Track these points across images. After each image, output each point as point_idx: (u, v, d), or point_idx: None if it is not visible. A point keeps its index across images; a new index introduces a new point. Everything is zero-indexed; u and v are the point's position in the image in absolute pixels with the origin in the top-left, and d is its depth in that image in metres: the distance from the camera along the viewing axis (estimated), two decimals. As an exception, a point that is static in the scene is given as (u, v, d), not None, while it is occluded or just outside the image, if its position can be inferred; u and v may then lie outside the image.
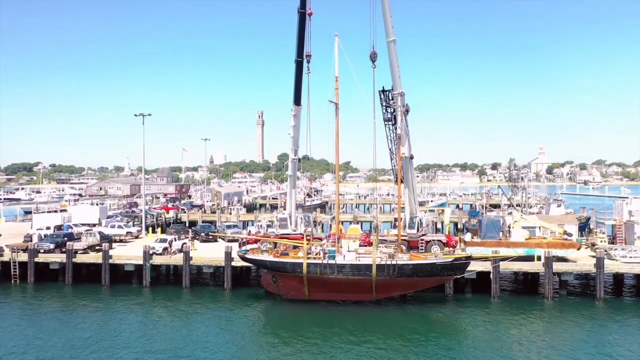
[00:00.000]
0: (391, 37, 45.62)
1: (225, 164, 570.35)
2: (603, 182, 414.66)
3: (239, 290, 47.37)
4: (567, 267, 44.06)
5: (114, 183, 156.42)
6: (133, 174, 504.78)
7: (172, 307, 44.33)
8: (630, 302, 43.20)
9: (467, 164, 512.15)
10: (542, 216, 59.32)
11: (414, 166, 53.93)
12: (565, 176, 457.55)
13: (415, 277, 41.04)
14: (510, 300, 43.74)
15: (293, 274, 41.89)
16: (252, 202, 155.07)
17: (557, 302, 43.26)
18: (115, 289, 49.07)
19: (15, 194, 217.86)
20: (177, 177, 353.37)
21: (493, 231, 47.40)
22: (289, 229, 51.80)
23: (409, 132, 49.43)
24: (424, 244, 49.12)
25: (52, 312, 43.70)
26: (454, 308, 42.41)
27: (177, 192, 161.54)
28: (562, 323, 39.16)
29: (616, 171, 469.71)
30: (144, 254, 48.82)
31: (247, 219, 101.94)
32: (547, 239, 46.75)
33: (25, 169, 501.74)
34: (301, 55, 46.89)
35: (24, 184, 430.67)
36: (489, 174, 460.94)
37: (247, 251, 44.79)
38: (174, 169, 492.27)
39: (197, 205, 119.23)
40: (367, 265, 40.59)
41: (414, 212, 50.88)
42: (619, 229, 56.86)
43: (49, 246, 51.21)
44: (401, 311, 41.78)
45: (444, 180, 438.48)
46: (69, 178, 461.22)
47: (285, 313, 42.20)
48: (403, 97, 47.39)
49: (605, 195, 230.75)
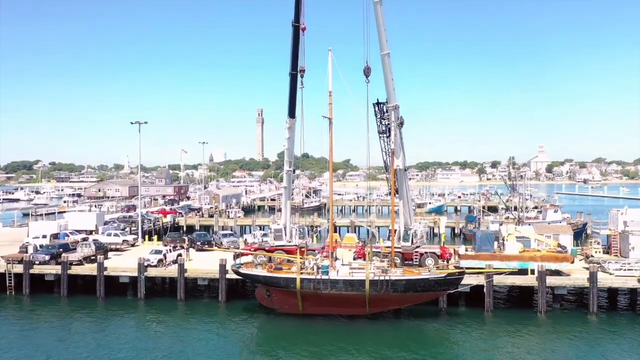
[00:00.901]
0: (385, 50, 45.53)
1: (224, 162, 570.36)
2: (602, 181, 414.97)
3: (233, 303, 47.44)
4: (560, 282, 44.13)
5: (113, 185, 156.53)
6: (133, 172, 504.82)
7: (167, 321, 44.43)
8: (624, 317, 43.27)
9: (466, 163, 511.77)
10: (537, 226, 59.33)
11: (408, 176, 54.04)
12: (564, 174, 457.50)
13: (408, 293, 41.13)
14: (503, 314, 43.82)
15: (287, 289, 41.98)
16: (250, 203, 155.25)
17: (550, 316, 43.34)
18: (110, 301, 49.16)
19: (14, 194, 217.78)
20: (176, 176, 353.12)
21: (487, 244, 47.44)
22: (283, 241, 51.82)
23: (403, 144, 49.44)
24: (418, 256, 49.16)
25: (48, 325, 43.87)
26: (448, 322, 42.51)
27: (176, 193, 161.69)
28: (555, 338, 39.31)
29: (616, 169, 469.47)
30: (139, 266, 48.88)
31: (244, 223, 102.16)
32: (541, 252, 46.78)
33: (25, 167, 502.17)
34: (295, 68, 46.83)
35: (23, 182, 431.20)
36: (489, 173, 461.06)
37: (241, 265, 44.87)
38: (173, 167, 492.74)
39: (195, 208, 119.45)
40: (360, 281, 40.68)
41: (408, 223, 50.91)
42: (614, 239, 57.00)
43: (44, 258, 51.28)
44: (395, 325, 41.88)
45: (443, 179, 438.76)
46: (69, 176, 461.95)
47: (279, 327, 42.29)
48: (397, 110, 47.33)
49: (603, 195, 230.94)
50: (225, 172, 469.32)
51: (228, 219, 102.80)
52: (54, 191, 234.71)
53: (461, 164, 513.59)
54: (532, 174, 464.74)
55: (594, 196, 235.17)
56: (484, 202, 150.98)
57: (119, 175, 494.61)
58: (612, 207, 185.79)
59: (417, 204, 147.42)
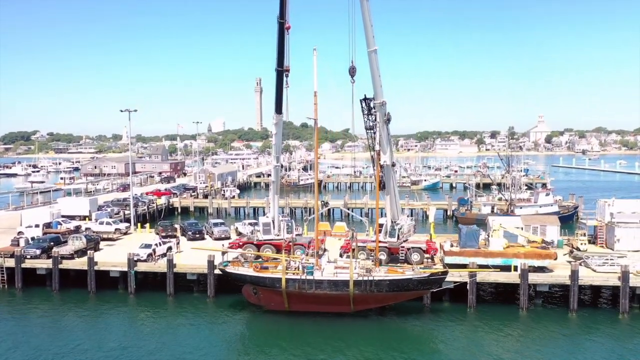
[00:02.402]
0: (372, 47, 44.95)
1: (223, 132, 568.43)
2: (601, 152, 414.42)
3: (222, 298, 48.26)
4: (542, 279, 44.82)
5: (109, 162, 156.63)
6: (131, 142, 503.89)
7: (156, 316, 45.46)
8: (604, 313, 44.07)
9: (466, 132, 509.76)
10: (525, 217, 59.76)
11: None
12: (563, 145, 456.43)
13: (392, 292, 41.87)
14: (486, 311, 44.67)
15: (272, 288, 42.71)
16: (246, 180, 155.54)
17: (531, 312, 44.22)
18: (102, 295, 50.06)
19: (11, 168, 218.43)
20: (173, 147, 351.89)
21: (472, 240, 47.93)
22: (272, 234, 52.32)
23: (390, 140, 49.36)
24: (404, 251, 49.72)
25: (40, 319, 45.17)
26: (431, 319, 43.40)
27: (172, 169, 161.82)
28: (535, 335, 40.41)
29: (615, 140, 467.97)
30: (129, 262, 49.54)
31: (238, 205, 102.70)
32: (525, 248, 47.33)
33: (23, 138, 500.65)
34: (281, 64, 46.38)
35: (21, 153, 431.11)
36: (488, 143, 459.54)
37: (228, 263, 45.47)
38: (171, 137, 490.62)
39: (190, 187, 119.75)
40: (345, 281, 41.36)
41: (395, 217, 51.27)
42: (600, 230, 57.56)
43: (35, 252, 51.88)
44: (379, 322, 42.82)
45: (442, 149, 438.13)
46: (67, 147, 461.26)
47: (265, 323, 43.30)
48: (384, 107, 47.09)
49: (600, 169, 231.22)
50: (223, 143, 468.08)
51: (222, 201, 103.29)
52: (51, 165, 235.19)
53: (460, 133, 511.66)
54: (531, 144, 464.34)
55: (591, 169, 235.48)
56: (480, 179, 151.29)
57: (117, 145, 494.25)
58: (609, 181, 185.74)
59: (412, 181, 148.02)
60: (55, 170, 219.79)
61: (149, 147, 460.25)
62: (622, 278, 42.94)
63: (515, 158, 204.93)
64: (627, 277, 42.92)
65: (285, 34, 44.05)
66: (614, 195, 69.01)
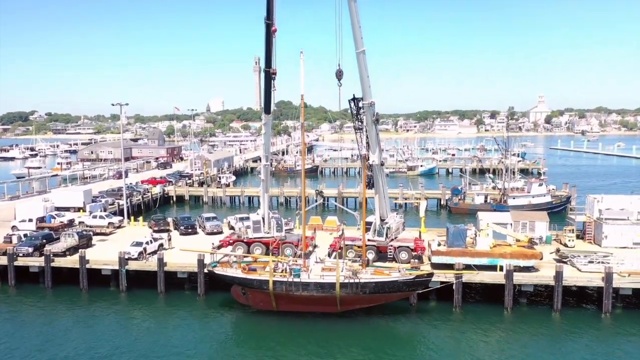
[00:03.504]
0: (360, 47, 44.69)
1: (222, 111, 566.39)
2: (601, 132, 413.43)
3: (212, 296, 48.95)
4: (527, 280, 45.39)
5: (106, 147, 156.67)
6: (129, 122, 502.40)
7: (147, 314, 46.30)
8: (588, 314, 44.69)
9: (465, 112, 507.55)
10: (514, 212, 60.15)
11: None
12: (563, 125, 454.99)
13: (378, 294, 42.48)
14: (471, 310, 45.33)
15: (260, 290, 43.31)
16: (243, 165, 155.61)
17: (516, 312, 44.89)
18: (94, 293, 50.74)
19: (9, 152, 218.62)
20: (171, 128, 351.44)
21: (459, 240, 48.33)
22: (262, 232, 52.76)
23: (379, 140, 49.42)
24: (392, 249, 50.19)
25: (33, 317, 46.18)
26: (417, 319, 44.12)
27: (169, 154, 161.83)
28: (518, 335, 41.26)
29: (615, 120, 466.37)
30: (120, 260, 50.08)
31: (233, 194, 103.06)
32: (512, 248, 47.78)
33: (21, 119, 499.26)
34: (269, 65, 46.23)
35: (20, 134, 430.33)
36: (487, 123, 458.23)
37: (217, 264, 45.99)
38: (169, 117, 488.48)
39: (185, 175, 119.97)
40: (331, 284, 41.89)
41: (384, 215, 51.59)
42: (589, 226, 58.02)
43: (28, 250, 52.37)
44: (365, 322, 43.49)
45: (441, 130, 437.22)
46: (65, 128, 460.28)
47: (254, 323, 44.08)
48: (373, 107, 47.06)
49: (597, 152, 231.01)
50: (222, 124, 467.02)
51: (217, 189, 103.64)
52: (49, 148, 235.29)
53: (460, 113, 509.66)
54: (531, 125, 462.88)
55: (589, 152, 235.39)
56: (476, 164, 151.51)
57: (115, 126, 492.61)
58: (605, 165, 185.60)
59: (408, 167, 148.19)
60: (53, 154, 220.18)
61: (147, 127, 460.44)
62: (606, 279, 43.50)
63: (513, 140, 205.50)
64: (610, 278, 43.47)
65: (272, 36, 43.77)
66: (610, 181, 69.12)
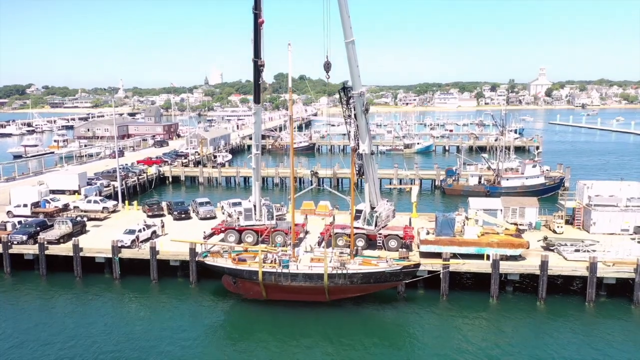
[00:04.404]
0: (349, 38, 44.36)
1: (220, 84, 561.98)
2: (601, 106, 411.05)
3: (204, 283, 49.78)
4: (513, 269, 46.12)
5: (102, 124, 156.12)
6: (127, 96, 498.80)
7: (140, 302, 47.25)
8: (572, 302, 45.46)
9: (465, 85, 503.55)
10: (505, 198, 60.53)
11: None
12: (563, 99, 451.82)
13: (365, 284, 43.25)
14: (458, 299, 46.19)
15: (250, 280, 44.07)
16: (240, 143, 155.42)
17: (502, 301, 45.78)
18: (88, 280, 51.59)
19: (6, 128, 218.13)
20: (168, 102, 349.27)
21: (447, 229, 48.84)
22: (253, 220, 53.27)
23: (369, 129, 49.50)
24: (382, 237, 50.79)
25: (27, 304, 47.12)
26: (405, 307, 45.02)
27: (166, 132, 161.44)
28: (503, 323, 42.35)
29: (616, 93, 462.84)
30: (113, 249, 50.75)
31: (228, 175, 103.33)
32: (499, 237, 48.30)
33: (18, 92, 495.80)
34: (258, 55, 45.99)
35: (17, 108, 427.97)
36: (487, 97, 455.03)
37: (207, 254, 46.63)
38: (167, 90, 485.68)
39: (181, 154, 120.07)
40: (319, 274, 42.62)
41: (374, 203, 52.00)
42: (578, 212, 58.54)
43: (22, 238, 52.96)
44: (354, 310, 44.42)
45: (440, 104, 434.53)
46: (62, 102, 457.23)
47: (245, 311, 45.07)
48: (363, 97, 47.01)
49: (596, 127, 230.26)
50: (220, 97, 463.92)
51: (212, 170, 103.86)
52: (46, 124, 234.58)
53: (460, 86, 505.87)
54: (531, 98, 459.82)
55: (587, 128, 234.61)
56: (472, 142, 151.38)
57: (113, 99, 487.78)
58: (604, 142, 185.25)
59: (405, 145, 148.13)
60: (50, 130, 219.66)
61: (145, 101, 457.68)
62: (590, 269, 44.21)
63: (511, 116, 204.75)
64: (594, 267, 44.18)
65: (260, 28, 43.42)
66: (604, 159, 69.24)
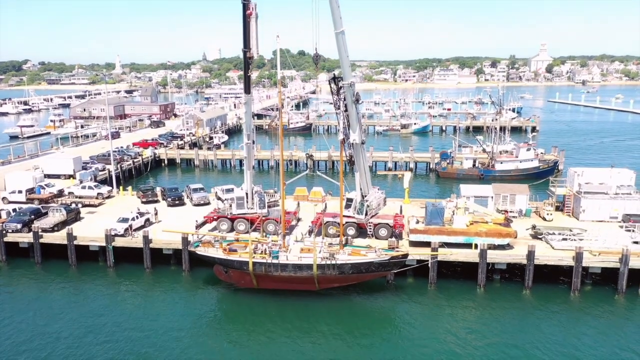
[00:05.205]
0: (339, 28, 44.18)
1: (219, 60, 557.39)
2: (602, 82, 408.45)
3: (197, 272, 50.52)
4: (500, 258, 46.80)
5: (98, 104, 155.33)
6: (125, 72, 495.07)
7: (134, 290, 48.13)
8: (558, 291, 46.14)
9: (466, 61, 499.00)
10: (496, 185, 60.92)
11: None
12: (564, 75, 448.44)
13: (354, 274, 43.99)
14: (446, 287, 46.97)
15: (241, 270, 44.79)
16: (237, 123, 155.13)
17: (489, 289, 46.57)
18: (82, 268, 52.34)
19: (2, 107, 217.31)
20: (165, 80, 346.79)
21: (437, 218, 49.34)
22: (245, 208, 53.76)
23: (360, 119, 49.58)
24: (372, 226, 51.37)
25: (22, 292, 47.98)
26: (393, 295, 45.85)
27: (162, 111, 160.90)
28: (490, 311, 43.24)
29: (617, 69, 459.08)
30: (106, 237, 51.36)
31: (224, 157, 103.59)
32: (487, 226, 48.85)
33: (14, 68, 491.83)
34: (247, 46, 45.83)
35: (13, 85, 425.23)
36: (487, 73, 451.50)
37: (199, 244, 47.23)
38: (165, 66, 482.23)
39: (177, 135, 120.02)
40: (308, 265, 43.30)
41: (365, 191, 52.44)
42: (568, 199, 59.05)
43: (16, 226, 53.52)
44: (344, 298, 45.26)
45: (440, 80, 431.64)
46: (59, 78, 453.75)
47: (236, 299, 45.94)
48: (353, 87, 46.99)
49: (595, 106, 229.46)
50: (218, 73, 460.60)
51: (208, 152, 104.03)
52: (42, 102, 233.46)
53: (461, 61, 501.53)
54: (531, 74, 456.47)
55: (586, 106, 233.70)
56: (470, 122, 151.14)
57: (110, 75, 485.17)
58: (602, 122, 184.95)
59: (402, 125, 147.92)
60: (46, 108, 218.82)
61: (143, 77, 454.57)
62: (576, 258, 44.88)
63: (510, 94, 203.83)
64: (580, 257, 44.85)
65: (248, 20, 43.16)
66: (599, 140, 69.39)
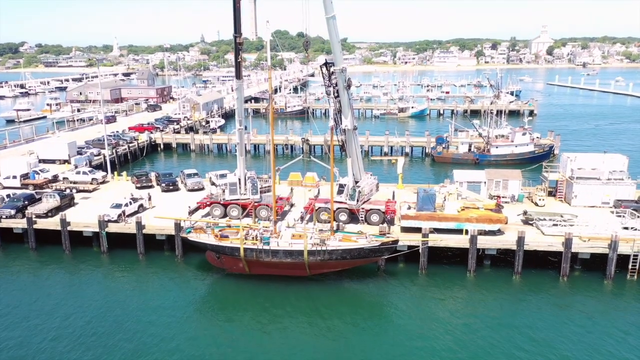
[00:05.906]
0: (330, 13, 43.91)
1: (217, 42, 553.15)
2: (602, 64, 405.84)
3: (190, 257, 50.91)
4: (490, 244, 47.11)
5: (94, 88, 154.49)
6: (122, 54, 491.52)
7: (127, 275, 48.59)
8: (547, 277, 46.57)
9: (466, 43, 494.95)
10: (489, 171, 60.96)
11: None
12: (565, 57, 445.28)
13: (345, 260, 44.32)
14: (436, 273, 47.36)
15: (232, 256, 45.12)
16: (234, 107, 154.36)
17: (479, 275, 46.98)
18: (76, 253, 52.67)
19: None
20: (162, 64, 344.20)
21: (428, 204, 49.51)
22: (238, 194, 53.92)
23: (351, 105, 49.51)
24: (364, 212, 51.58)
25: (17, 277, 48.52)
26: (384, 281, 46.28)
27: (159, 95, 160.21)
28: (479, 296, 43.76)
29: (618, 51, 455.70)
30: (99, 223, 51.61)
31: (220, 142, 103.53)
32: (478, 212, 49.02)
33: (11, 50, 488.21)
34: (237, 31, 45.52)
35: (10, 68, 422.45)
36: (487, 55, 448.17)
37: (191, 230, 47.50)
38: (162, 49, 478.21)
39: (173, 120, 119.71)
40: (299, 251, 43.60)
41: (357, 177, 52.58)
42: (561, 184, 59.21)
43: (10, 212, 53.73)
44: (335, 284, 45.69)
45: (440, 62, 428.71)
46: (56, 61, 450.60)
47: (229, 284, 46.44)
48: (344, 73, 46.85)
49: (594, 89, 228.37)
50: (217, 55, 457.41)
51: (204, 137, 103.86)
52: (39, 86, 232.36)
53: (461, 43, 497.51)
54: (532, 56, 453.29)
55: (585, 89, 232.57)
56: (467, 105, 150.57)
57: (107, 58, 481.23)
58: (601, 105, 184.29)
59: (399, 109, 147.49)
60: (43, 91, 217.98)
61: (140, 59, 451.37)
62: (565, 244, 45.19)
63: (508, 77, 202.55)
64: (569, 243, 45.16)
65: (238, 4, 42.81)
66: (596, 123, 69.27)
